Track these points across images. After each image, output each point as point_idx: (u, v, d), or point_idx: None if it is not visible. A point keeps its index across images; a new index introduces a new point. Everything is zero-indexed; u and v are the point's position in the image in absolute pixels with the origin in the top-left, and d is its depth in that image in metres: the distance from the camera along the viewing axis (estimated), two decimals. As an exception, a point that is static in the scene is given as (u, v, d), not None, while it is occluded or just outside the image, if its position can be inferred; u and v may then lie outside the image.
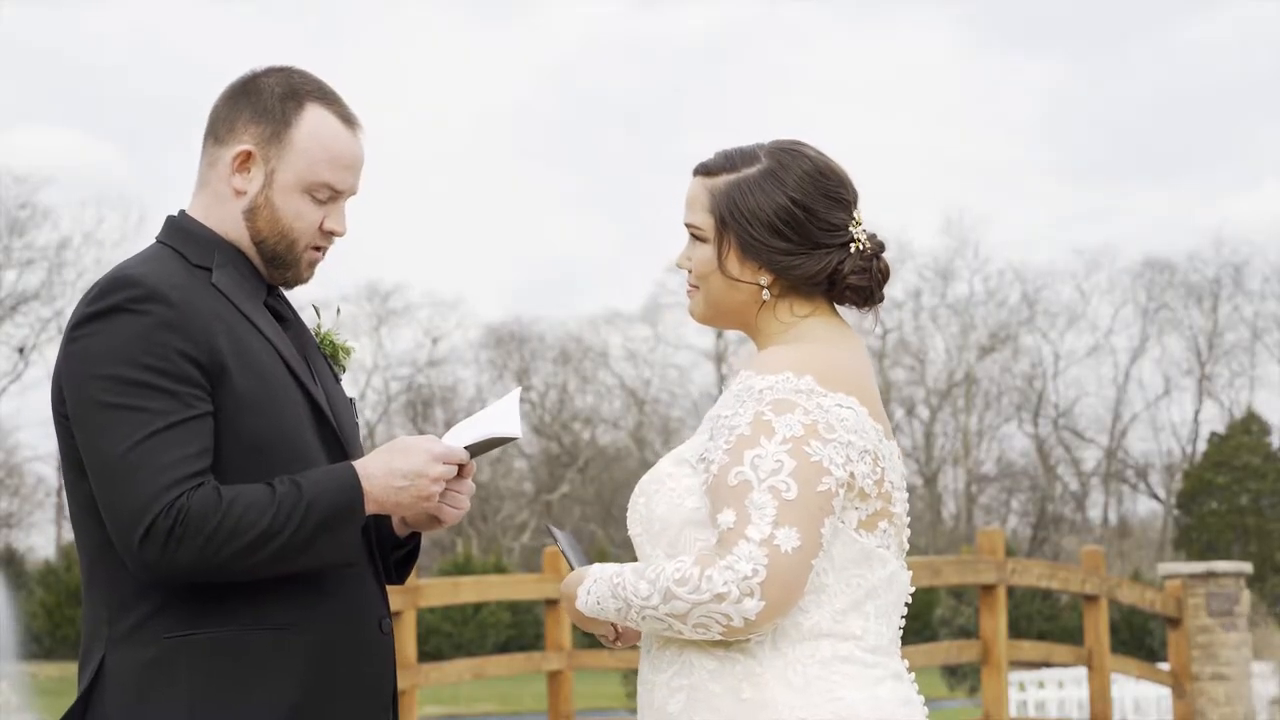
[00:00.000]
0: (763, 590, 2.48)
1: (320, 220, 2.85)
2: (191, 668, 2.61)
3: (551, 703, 10.62)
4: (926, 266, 53.06)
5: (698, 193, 2.73)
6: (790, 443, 2.53)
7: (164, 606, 2.64)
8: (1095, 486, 52.63)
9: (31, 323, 49.27)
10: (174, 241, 2.81)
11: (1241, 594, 12.69)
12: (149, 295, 2.65)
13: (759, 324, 2.72)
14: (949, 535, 49.12)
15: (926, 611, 36.89)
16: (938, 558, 11.51)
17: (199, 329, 2.66)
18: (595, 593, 2.61)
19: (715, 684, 2.59)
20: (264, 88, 2.85)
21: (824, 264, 2.67)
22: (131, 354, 2.62)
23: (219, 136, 2.85)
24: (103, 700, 2.64)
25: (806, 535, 2.51)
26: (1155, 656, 28.43)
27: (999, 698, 10.40)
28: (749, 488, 2.52)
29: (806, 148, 2.74)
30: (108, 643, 2.65)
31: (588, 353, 52.82)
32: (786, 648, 2.57)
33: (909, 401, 52.51)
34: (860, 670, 2.60)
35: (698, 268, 2.72)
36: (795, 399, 2.57)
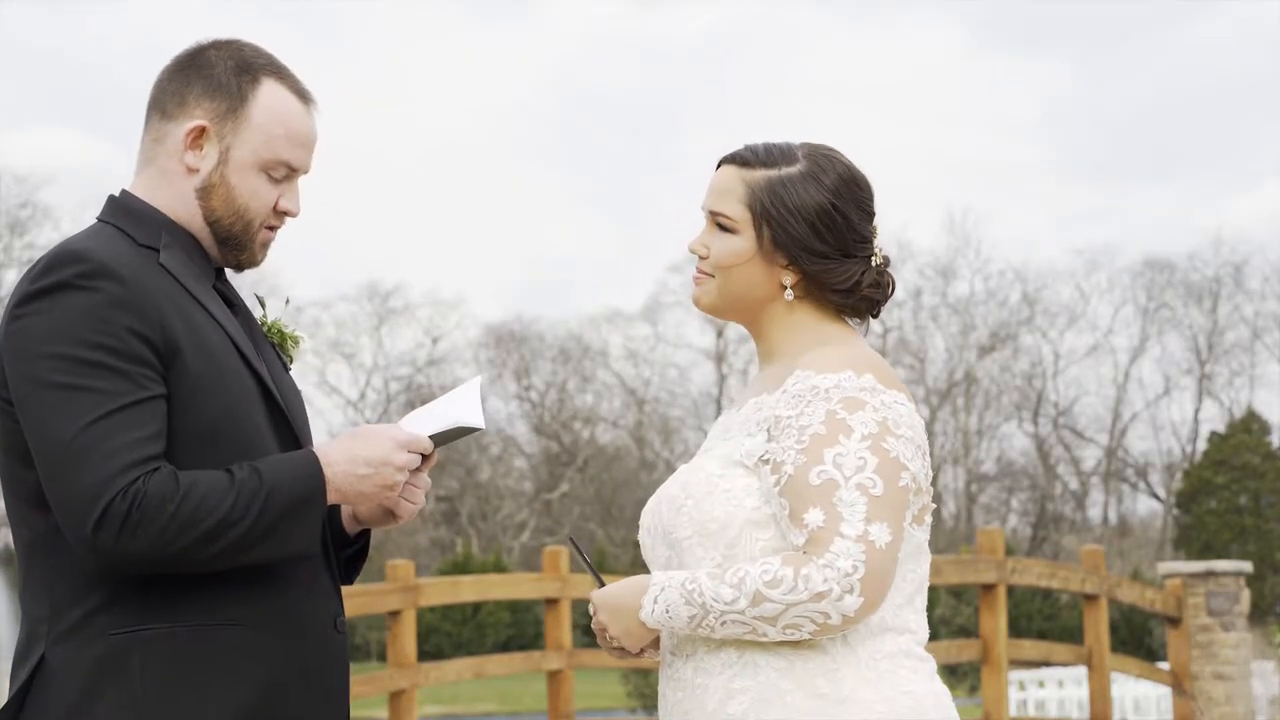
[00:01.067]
0: (863, 586, 2.49)
1: (275, 200, 2.73)
2: (142, 665, 2.51)
3: (551, 702, 10.62)
4: (927, 265, 53.10)
5: (731, 183, 2.70)
6: (869, 440, 2.55)
7: (110, 602, 2.52)
8: (1095, 486, 52.64)
9: (31, 322, 49.23)
10: (118, 220, 2.69)
11: (1241, 593, 12.69)
12: (98, 271, 2.52)
13: (774, 320, 2.72)
14: (949, 535, 49.12)
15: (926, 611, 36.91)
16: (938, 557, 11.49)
17: (151, 307, 2.54)
18: (665, 600, 2.56)
19: (786, 681, 2.57)
20: (214, 61, 2.74)
21: (850, 273, 2.69)
22: (80, 332, 2.49)
23: (166, 111, 2.71)
24: (44, 699, 2.52)
25: (896, 530, 2.54)
26: (1155, 656, 28.43)
27: (999, 697, 10.41)
28: (835, 486, 2.53)
29: (841, 154, 2.75)
30: (48, 640, 2.53)
31: (587, 352, 52.82)
32: (856, 643, 2.59)
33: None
34: (919, 664, 2.64)
35: (719, 258, 2.71)
36: (863, 397, 2.58)
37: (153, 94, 2.76)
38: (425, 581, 10.04)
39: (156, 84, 2.76)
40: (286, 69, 2.78)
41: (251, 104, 2.71)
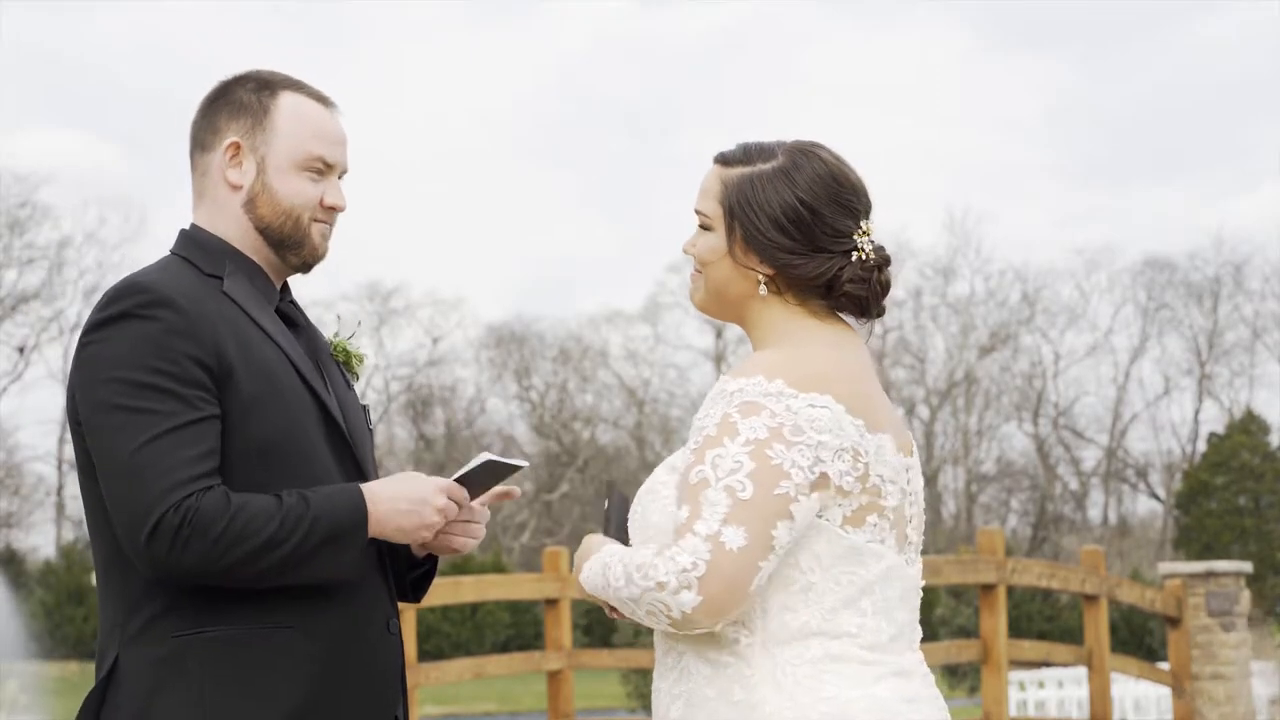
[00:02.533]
0: (700, 585, 2.49)
1: (320, 196, 2.91)
2: (202, 665, 2.67)
3: (551, 702, 10.63)
4: (927, 265, 53.09)
5: (711, 182, 2.75)
6: (753, 444, 2.54)
7: (172, 606, 2.68)
8: (1095, 486, 52.63)
9: (32, 322, 49.24)
10: (186, 252, 2.87)
11: (1241, 594, 12.69)
12: (157, 301, 2.71)
13: (754, 318, 2.74)
14: (949, 535, 49.09)
15: (926, 611, 36.88)
16: (938, 557, 11.48)
17: (206, 334, 2.71)
18: (593, 569, 2.65)
19: (709, 688, 2.60)
20: (235, 89, 2.92)
21: (824, 268, 2.68)
22: (140, 358, 2.67)
23: (204, 144, 2.91)
24: (116, 697, 2.69)
25: (754, 536, 2.51)
26: (1155, 656, 28.44)
27: (999, 697, 10.40)
28: (706, 485, 2.54)
29: (824, 151, 2.75)
30: (120, 643, 2.71)
31: (587, 352, 52.83)
32: (776, 649, 2.58)
33: (909, 401, 52.48)
34: (856, 669, 2.58)
35: (701, 255, 2.75)
36: (763, 401, 2.58)
37: (191, 137, 2.95)
38: (425, 581, 10.01)
39: (191, 127, 2.95)
40: (303, 82, 2.96)
41: (274, 113, 2.89)
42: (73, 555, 44.53)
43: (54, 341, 49.48)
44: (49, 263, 49.03)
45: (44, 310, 49.26)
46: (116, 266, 50.23)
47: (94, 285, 49.64)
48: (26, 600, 40.55)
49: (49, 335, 49.27)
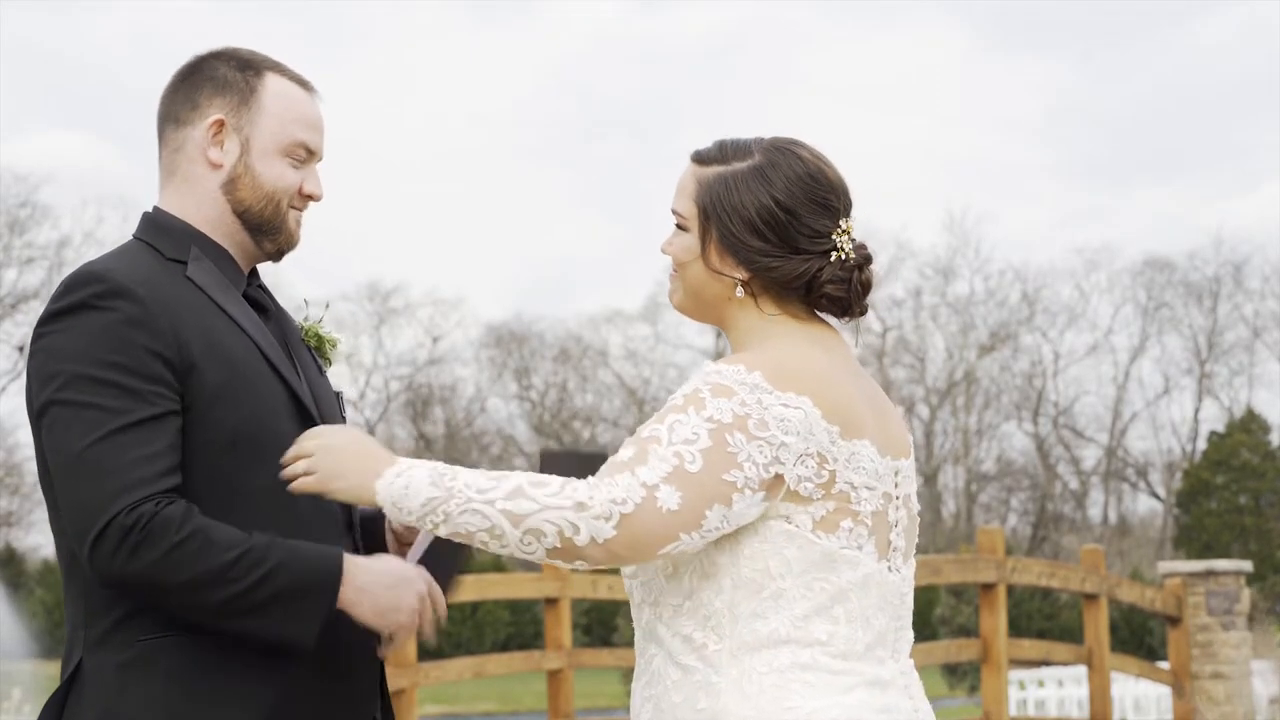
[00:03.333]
0: (621, 523, 2.40)
1: (299, 183, 2.82)
2: (168, 669, 2.57)
3: (551, 702, 10.62)
4: (927, 265, 53.11)
5: (687, 180, 2.67)
6: (714, 425, 2.46)
7: (138, 610, 2.58)
8: (1095, 485, 52.64)
9: (32, 321, 49.18)
10: (148, 236, 2.76)
11: (1241, 593, 12.69)
12: (114, 291, 2.59)
13: (731, 320, 2.66)
14: (949, 534, 49.08)
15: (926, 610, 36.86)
16: (938, 556, 11.48)
17: (166, 325, 2.59)
18: (409, 477, 2.47)
19: (676, 694, 2.54)
20: (216, 65, 2.81)
21: (801, 269, 2.60)
22: (95, 352, 2.55)
23: (180, 118, 2.80)
24: (80, 701, 2.60)
25: (687, 506, 2.43)
26: (1155, 655, 28.44)
27: (999, 696, 10.40)
28: (656, 442, 2.46)
29: (803, 149, 2.68)
30: (85, 646, 2.62)
31: (587, 352, 52.83)
32: (745, 656, 2.51)
33: (909, 400, 52.47)
34: (825, 678, 2.51)
35: (677, 255, 2.67)
36: (736, 388, 2.50)
37: (161, 111, 2.85)
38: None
39: (162, 101, 2.85)
40: (284, 64, 2.85)
41: (261, 93, 2.78)
42: (73, 555, 44.60)
43: (54, 341, 49.43)
44: (49, 262, 49.03)
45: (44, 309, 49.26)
46: (116, 266, 50.27)
47: (94, 285, 49.64)
48: (26, 600, 40.54)
49: (49, 335, 49.26)
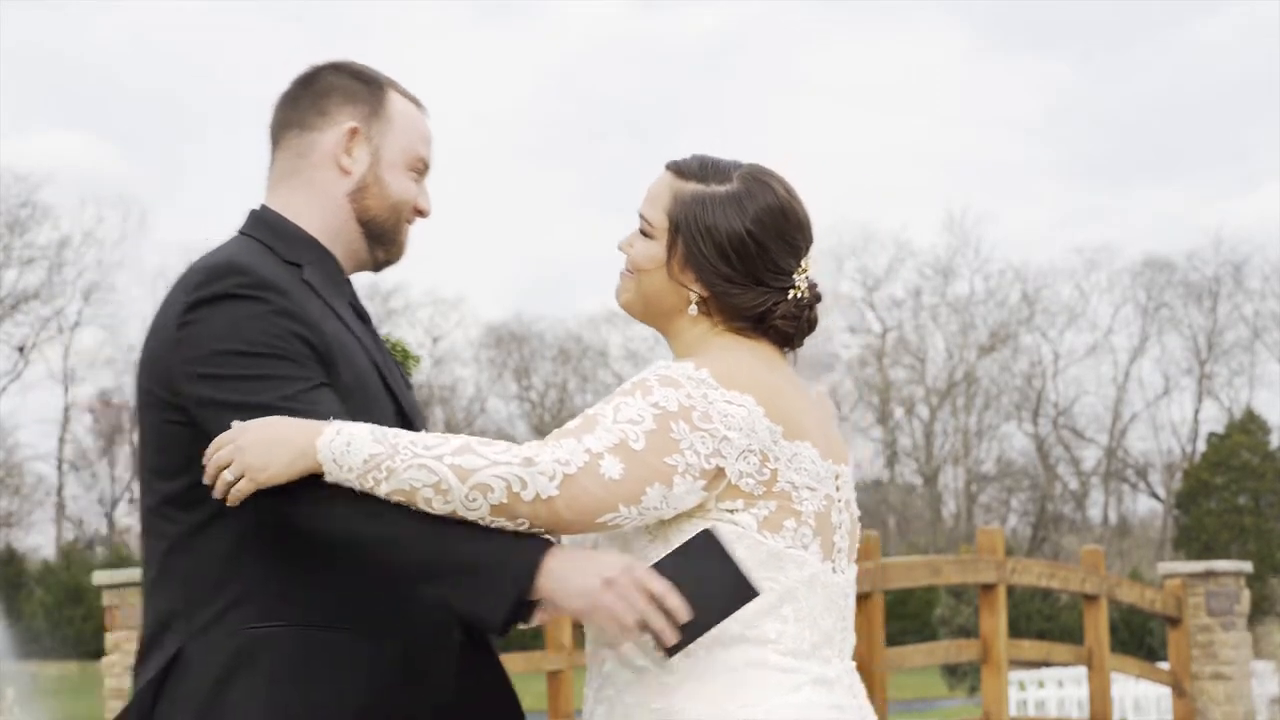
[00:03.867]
0: (565, 483, 2.42)
1: (416, 198, 2.89)
2: (272, 661, 2.59)
3: (551, 703, 10.61)
4: (927, 265, 53.11)
5: (661, 190, 2.71)
6: (659, 410, 2.50)
7: (243, 599, 2.60)
8: (1095, 486, 52.64)
9: (31, 322, 49.25)
10: (263, 236, 2.77)
11: (1241, 593, 12.69)
12: (260, 284, 2.61)
13: (678, 330, 2.71)
14: (949, 534, 49.09)
15: (926, 610, 36.86)
16: (938, 557, 11.49)
17: (312, 319, 2.63)
18: (348, 435, 2.45)
19: (629, 695, 2.57)
20: (340, 77, 2.86)
21: (758, 301, 2.66)
22: (251, 334, 2.56)
23: (307, 124, 2.82)
24: (179, 688, 2.61)
25: (629, 479, 2.46)
26: (1155, 656, 28.43)
27: (999, 697, 10.40)
28: (600, 420, 2.49)
29: (778, 183, 2.72)
30: (185, 632, 2.62)
31: (587, 352, 52.85)
32: (700, 656, 2.53)
33: (909, 400, 52.49)
34: (776, 675, 2.54)
35: (635, 260, 2.71)
36: (682, 381, 2.54)
37: (280, 117, 2.86)
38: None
39: (281, 107, 2.87)
40: (397, 81, 2.91)
41: (389, 107, 2.84)
42: (73, 555, 44.54)
43: (54, 341, 49.50)
44: (49, 262, 49.07)
45: (44, 310, 49.28)
46: (116, 266, 50.28)
47: (93, 285, 49.70)
48: (26, 601, 40.54)
49: (48, 335, 49.30)
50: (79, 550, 46.30)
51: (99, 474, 50.74)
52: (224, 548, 2.61)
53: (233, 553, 2.61)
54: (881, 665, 9.32)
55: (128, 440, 50.65)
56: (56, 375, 49.66)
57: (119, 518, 50.65)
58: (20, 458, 49.39)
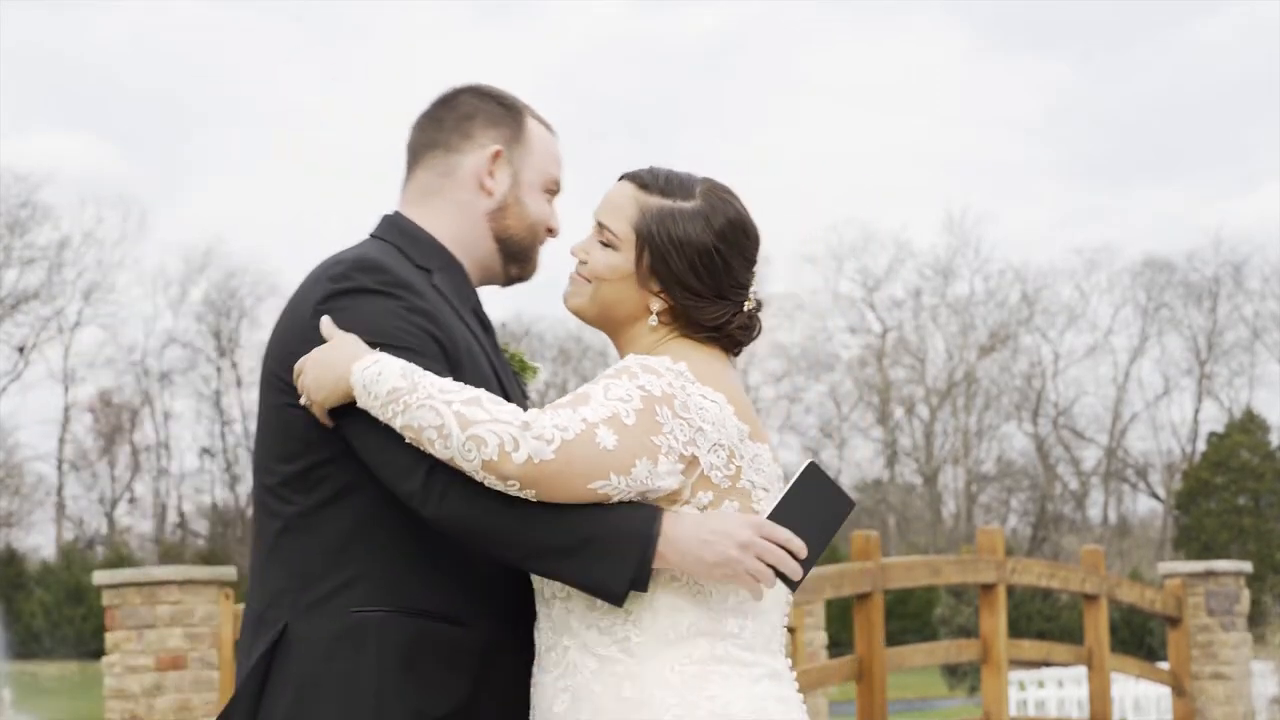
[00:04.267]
0: (562, 448, 2.49)
1: (550, 220, 3.01)
2: (379, 644, 2.64)
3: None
4: (927, 265, 53.11)
5: (625, 201, 2.78)
6: (645, 393, 2.59)
7: (353, 581, 2.67)
8: (1095, 486, 52.64)
9: (31, 322, 49.26)
10: (397, 240, 2.88)
11: (1241, 593, 12.70)
12: (398, 281, 2.71)
13: (633, 335, 2.79)
14: (949, 534, 49.10)
15: (926, 611, 36.87)
16: (938, 557, 11.49)
17: (444, 320, 2.73)
18: (382, 365, 2.55)
19: (597, 684, 2.62)
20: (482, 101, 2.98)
21: (718, 314, 2.75)
22: (386, 327, 2.65)
23: (451, 146, 2.94)
24: (287, 664, 2.67)
25: (621, 450, 2.53)
26: (1155, 656, 28.44)
27: (999, 697, 10.41)
28: (590, 397, 2.57)
29: (736, 199, 2.80)
30: (292, 610, 2.69)
31: (587, 352, 52.82)
32: (665, 648, 2.61)
33: (909, 401, 52.50)
34: (737, 669, 2.63)
35: (596, 269, 2.78)
36: (663, 371, 2.63)
37: (422, 138, 2.98)
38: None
39: (422, 128, 2.99)
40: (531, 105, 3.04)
41: (529, 132, 2.97)
42: (73, 555, 44.54)
43: (53, 341, 49.52)
44: (49, 262, 49.07)
45: (44, 310, 49.29)
46: (116, 266, 50.29)
47: (93, 285, 49.73)
48: (26, 600, 40.54)
49: (48, 335, 49.30)
50: (79, 550, 46.31)
51: (99, 474, 50.78)
52: (338, 531, 2.69)
53: (347, 536, 2.68)
54: (881, 665, 9.33)
55: (128, 440, 50.72)
56: (56, 375, 49.70)
57: (119, 518, 50.72)
58: (20, 458, 49.42)
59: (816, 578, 9.08)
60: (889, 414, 52.18)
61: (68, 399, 50.05)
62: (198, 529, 51.60)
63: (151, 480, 51.13)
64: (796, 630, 9.51)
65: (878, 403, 52.33)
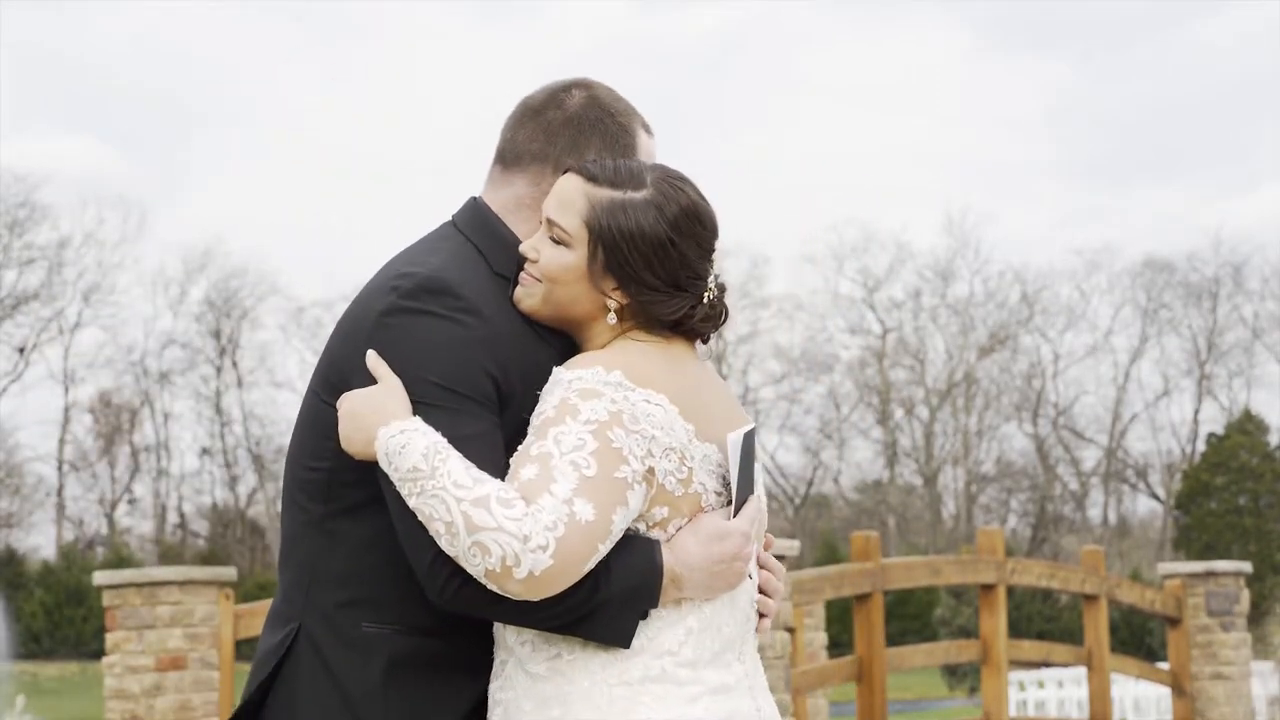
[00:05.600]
0: (557, 549, 2.41)
1: None
2: (390, 659, 2.64)
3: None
4: (927, 266, 53.11)
5: (574, 196, 2.66)
6: (595, 425, 2.49)
7: (364, 599, 2.66)
8: (1095, 486, 52.65)
9: (31, 322, 49.26)
10: (479, 239, 2.79)
11: (1241, 594, 12.70)
12: (468, 309, 2.63)
13: (591, 334, 2.69)
14: (949, 535, 49.11)
15: (926, 611, 36.88)
16: (938, 557, 11.50)
17: (503, 351, 2.64)
18: (407, 439, 2.50)
19: (526, 701, 2.57)
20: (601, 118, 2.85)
21: (677, 306, 2.64)
22: (441, 362, 2.59)
23: (561, 164, 2.80)
24: (296, 665, 2.69)
25: (600, 515, 2.45)
26: (1155, 656, 28.46)
27: (999, 697, 10.42)
28: (550, 458, 2.47)
29: (690, 186, 2.69)
30: (305, 612, 2.70)
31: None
32: (597, 668, 2.54)
33: (909, 401, 52.50)
34: (672, 689, 2.55)
35: (547, 268, 2.66)
36: (602, 389, 2.53)
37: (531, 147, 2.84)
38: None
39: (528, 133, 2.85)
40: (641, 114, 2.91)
41: (639, 151, 2.83)
42: (73, 555, 44.55)
43: (54, 341, 49.51)
44: (48, 263, 49.06)
45: (44, 310, 49.29)
46: (116, 266, 50.30)
47: (93, 285, 49.74)
48: (26, 601, 40.54)
49: (49, 335, 49.30)
50: (79, 550, 46.31)
51: (99, 474, 50.78)
52: (357, 540, 2.68)
53: (364, 547, 2.67)
54: (881, 665, 9.34)
55: (127, 440, 50.72)
56: (56, 375, 49.70)
57: (119, 518, 50.72)
58: (20, 458, 49.43)
59: (817, 578, 9.08)
60: (889, 414, 52.18)
61: (68, 399, 50.09)
62: (198, 529, 51.62)
63: (151, 481, 51.16)
64: (796, 630, 9.51)
65: (878, 403, 52.33)
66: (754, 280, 50.92)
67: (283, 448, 51.31)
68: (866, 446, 53.24)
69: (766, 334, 52.02)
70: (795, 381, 52.50)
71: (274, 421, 51.42)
